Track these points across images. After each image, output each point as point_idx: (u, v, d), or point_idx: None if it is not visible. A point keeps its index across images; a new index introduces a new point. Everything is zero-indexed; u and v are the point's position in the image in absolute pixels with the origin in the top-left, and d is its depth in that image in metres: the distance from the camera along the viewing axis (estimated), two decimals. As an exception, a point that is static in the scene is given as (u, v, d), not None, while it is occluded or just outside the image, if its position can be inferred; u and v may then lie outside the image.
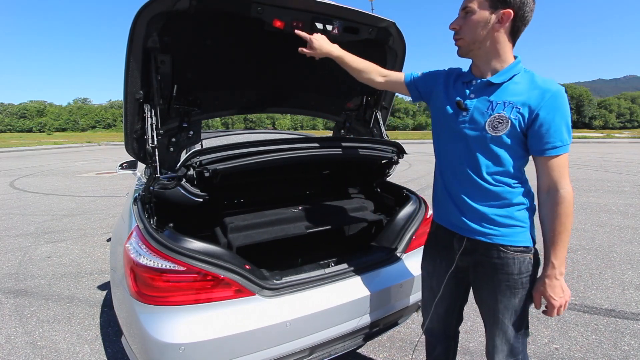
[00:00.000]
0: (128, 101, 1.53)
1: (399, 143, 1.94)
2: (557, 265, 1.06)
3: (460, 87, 1.18)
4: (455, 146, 1.17)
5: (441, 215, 1.29)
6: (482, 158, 1.10)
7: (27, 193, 7.18)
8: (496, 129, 1.06)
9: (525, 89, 1.05)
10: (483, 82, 1.11)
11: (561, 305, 1.09)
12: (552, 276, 1.07)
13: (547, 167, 1.05)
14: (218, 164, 1.44)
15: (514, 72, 1.07)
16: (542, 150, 1.04)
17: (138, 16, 1.34)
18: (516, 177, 1.11)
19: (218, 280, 1.26)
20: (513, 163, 1.09)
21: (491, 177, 1.10)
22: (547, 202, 1.07)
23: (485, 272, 1.16)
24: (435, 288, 1.32)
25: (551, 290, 1.08)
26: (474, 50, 1.11)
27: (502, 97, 1.07)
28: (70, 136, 46.02)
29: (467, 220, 1.16)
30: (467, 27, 1.08)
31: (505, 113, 1.05)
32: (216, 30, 1.65)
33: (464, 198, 1.15)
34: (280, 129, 47.49)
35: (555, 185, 1.04)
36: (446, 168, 1.23)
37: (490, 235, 1.12)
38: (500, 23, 1.04)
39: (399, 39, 1.85)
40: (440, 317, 1.37)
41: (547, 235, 1.07)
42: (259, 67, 1.95)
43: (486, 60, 1.11)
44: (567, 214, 1.04)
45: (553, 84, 1.03)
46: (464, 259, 1.21)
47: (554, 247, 1.06)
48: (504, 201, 1.10)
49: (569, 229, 1.05)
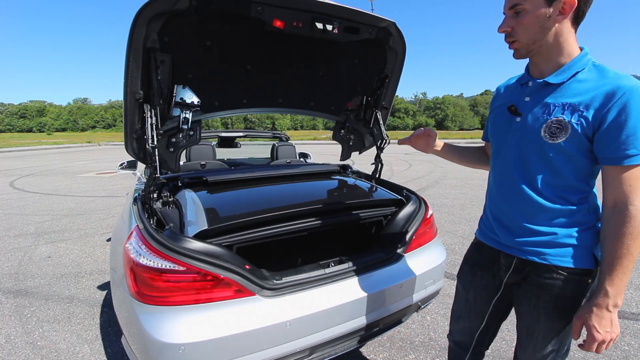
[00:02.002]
0: (128, 101, 1.53)
1: (406, 193, 1.96)
2: (611, 294, 0.88)
3: (518, 90, 1.06)
4: (507, 156, 1.05)
5: (486, 233, 1.17)
6: (537, 169, 0.97)
7: (27, 193, 7.17)
8: (554, 135, 0.92)
9: (591, 87, 0.90)
10: (539, 83, 0.98)
11: (604, 341, 0.91)
12: (603, 306, 0.89)
13: (616, 179, 0.89)
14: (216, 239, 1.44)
15: (578, 68, 0.93)
16: (610, 158, 0.88)
17: (138, 16, 1.34)
18: (580, 191, 0.96)
19: (218, 280, 1.26)
20: (576, 175, 0.95)
21: (548, 191, 0.97)
22: (611, 219, 0.90)
23: (528, 289, 1.05)
24: (471, 301, 1.23)
25: (597, 321, 0.90)
26: (534, 49, 0.97)
27: (561, 99, 0.93)
28: (70, 136, 46.02)
29: (518, 239, 1.03)
30: (521, 27, 0.94)
31: (565, 117, 0.91)
32: (216, 30, 1.65)
33: (516, 215, 1.03)
34: (280, 129, 47.41)
35: (625, 201, 0.87)
36: (496, 181, 1.11)
37: (544, 255, 0.99)
38: (563, 14, 0.90)
39: (399, 39, 1.85)
40: (473, 331, 1.27)
41: (605, 258, 0.90)
42: (260, 67, 1.95)
43: (547, 56, 0.96)
44: (635, 236, 0.86)
45: (628, 80, 0.86)
46: (511, 277, 1.10)
47: (611, 273, 0.88)
48: (564, 219, 0.97)
49: (634, 254, 0.87)
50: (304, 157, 3.98)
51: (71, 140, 33.29)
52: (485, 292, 1.20)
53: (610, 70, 0.91)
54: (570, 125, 0.90)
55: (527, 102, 1.01)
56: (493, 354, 1.98)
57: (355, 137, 2.59)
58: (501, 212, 1.10)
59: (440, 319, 2.37)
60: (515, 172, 1.03)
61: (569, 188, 0.96)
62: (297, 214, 1.57)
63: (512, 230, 1.06)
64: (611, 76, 0.89)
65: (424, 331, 2.24)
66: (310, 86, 2.21)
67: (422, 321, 2.36)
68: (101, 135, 49.81)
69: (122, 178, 9.05)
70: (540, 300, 1.02)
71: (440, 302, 2.58)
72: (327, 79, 2.15)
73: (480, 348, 1.32)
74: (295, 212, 1.56)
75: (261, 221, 1.50)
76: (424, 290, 1.70)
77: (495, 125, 1.13)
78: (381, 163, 2.28)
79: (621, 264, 0.87)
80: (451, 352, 1.43)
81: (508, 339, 2.11)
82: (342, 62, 2.06)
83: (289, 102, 2.29)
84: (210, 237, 1.41)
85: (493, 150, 1.15)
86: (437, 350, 2.05)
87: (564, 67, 0.95)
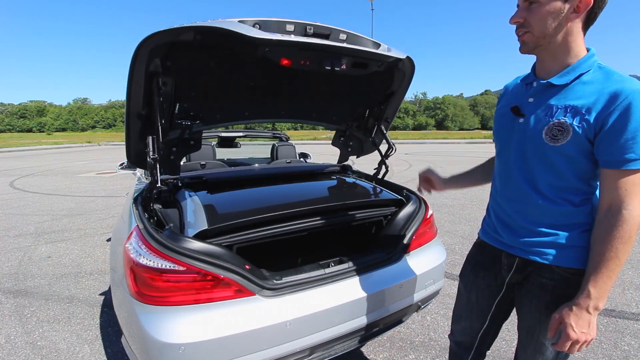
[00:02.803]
0: (131, 120, 1.54)
1: (406, 193, 1.96)
2: (594, 296, 0.87)
3: (522, 91, 1.06)
4: (510, 157, 1.05)
5: (489, 232, 1.17)
6: (539, 170, 0.98)
7: (27, 193, 7.18)
8: (555, 138, 0.92)
9: (595, 89, 0.89)
10: (543, 84, 0.97)
11: (579, 341, 0.90)
12: (583, 307, 0.89)
13: (613, 183, 0.88)
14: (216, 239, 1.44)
15: (583, 70, 0.92)
16: (609, 161, 0.88)
17: (140, 46, 1.32)
18: (582, 192, 0.96)
19: (218, 280, 1.26)
20: (577, 176, 0.94)
21: (550, 192, 0.97)
22: (604, 221, 0.89)
23: (530, 289, 1.05)
24: (473, 301, 1.23)
25: (574, 320, 0.89)
26: (542, 45, 0.95)
27: (564, 101, 0.92)
28: (70, 136, 46.02)
29: (521, 239, 1.04)
30: (535, 18, 0.92)
31: (567, 120, 0.90)
32: (219, 55, 1.65)
33: (518, 215, 1.04)
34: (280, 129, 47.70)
35: (619, 205, 0.87)
36: (499, 182, 1.11)
37: (546, 255, 0.99)
38: (577, 12, 0.89)
39: (409, 63, 1.84)
40: (475, 331, 1.27)
41: (592, 259, 0.90)
42: (262, 85, 1.95)
43: (554, 55, 0.95)
44: (625, 240, 0.85)
45: (632, 83, 0.86)
46: (513, 276, 1.10)
47: (596, 275, 0.87)
48: (566, 220, 0.97)
49: (621, 259, 0.86)
50: (304, 157, 3.98)
51: (71, 140, 33.28)
52: (487, 292, 1.20)
53: (615, 72, 0.90)
54: (572, 128, 0.90)
55: (531, 103, 1.00)
56: (493, 354, 1.98)
57: (355, 144, 2.60)
58: (504, 212, 1.10)
59: (440, 319, 2.37)
60: (517, 172, 1.03)
61: (571, 189, 0.96)
62: (297, 214, 1.57)
63: (514, 231, 1.06)
64: (615, 79, 0.88)
65: (424, 331, 2.24)
66: (313, 99, 2.20)
67: (422, 321, 2.36)
68: (101, 135, 49.82)
69: (122, 178, 9.05)
70: (541, 301, 1.02)
71: (441, 302, 2.58)
72: (330, 93, 2.15)
73: (482, 348, 1.32)
74: (295, 212, 1.56)
75: (261, 221, 1.50)
76: (424, 290, 1.70)
77: (499, 125, 1.13)
78: (387, 167, 2.27)
79: (607, 266, 0.87)
80: (452, 352, 1.43)
81: (508, 339, 2.11)
82: (347, 79, 2.04)
83: (291, 114, 2.29)
84: (210, 237, 1.41)
85: (497, 150, 1.14)
86: (437, 350, 2.05)
87: (569, 68, 0.94)
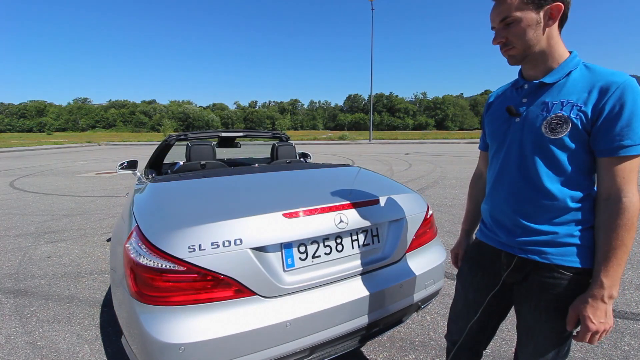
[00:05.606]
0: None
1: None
2: (607, 285, 0.90)
3: (514, 95, 1.09)
4: (507, 156, 1.06)
5: (486, 233, 1.18)
6: (539, 167, 0.98)
7: (27, 193, 7.18)
8: (555, 131, 0.94)
9: (586, 84, 0.93)
10: (534, 84, 1.01)
11: (599, 332, 0.92)
12: (598, 297, 0.91)
13: (610, 171, 0.90)
14: None
15: (571, 68, 0.96)
16: (606, 150, 0.89)
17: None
18: (582, 187, 0.97)
19: (218, 280, 1.26)
20: (578, 170, 0.95)
21: (550, 189, 0.97)
22: (605, 211, 0.91)
23: (529, 288, 1.05)
24: (471, 301, 1.23)
25: (592, 312, 0.91)
26: (530, 54, 0.99)
27: (558, 97, 0.96)
28: (70, 136, 46.01)
29: (519, 238, 1.04)
30: (516, 36, 0.97)
31: (564, 112, 0.93)
32: None
33: (517, 215, 1.04)
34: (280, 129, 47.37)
35: (618, 193, 0.89)
36: (495, 183, 1.12)
37: (546, 254, 1.00)
38: (553, 18, 0.94)
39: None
40: (473, 331, 1.27)
41: (599, 250, 0.92)
42: None
43: (542, 59, 1.00)
44: (628, 227, 0.87)
45: (620, 75, 0.90)
46: (511, 275, 1.09)
47: (606, 265, 0.90)
48: (566, 218, 0.97)
49: (628, 246, 0.88)
50: (304, 157, 3.98)
51: (71, 140, 33.29)
52: (484, 291, 1.20)
53: (601, 68, 0.95)
54: (570, 119, 0.92)
55: (525, 103, 1.02)
56: (493, 354, 1.98)
57: None
58: (501, 213, 1.10)
59: (440, 319, 2.37)
60: (516, 171, 1.03)
61: (570, 183, 0.96)
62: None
63: (512, 230, 1.06)
64: (604, 73, 0.92)
65: (424, 331, 2.24)
66: None
67: (422, 321, 2.36)
68: (101, 135, 49.81)
69: (122, 178, 9.05)
70: (541, 300, 1.02)
71: (440, 302, 2.58)
72: None
73: (478, 347, 1.32)
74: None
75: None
76: (424, 290, 1.70)
77: (494, 127, 1.13)
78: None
79: (615, 255, 0.89)
80: (449, 352, 1.43)
81: (508, 339, 2.11)
82: None
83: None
84: None
85: (492, 152, 1.15)
86: (437, 350, 2.05)
87: (558, 67, 0.98)
